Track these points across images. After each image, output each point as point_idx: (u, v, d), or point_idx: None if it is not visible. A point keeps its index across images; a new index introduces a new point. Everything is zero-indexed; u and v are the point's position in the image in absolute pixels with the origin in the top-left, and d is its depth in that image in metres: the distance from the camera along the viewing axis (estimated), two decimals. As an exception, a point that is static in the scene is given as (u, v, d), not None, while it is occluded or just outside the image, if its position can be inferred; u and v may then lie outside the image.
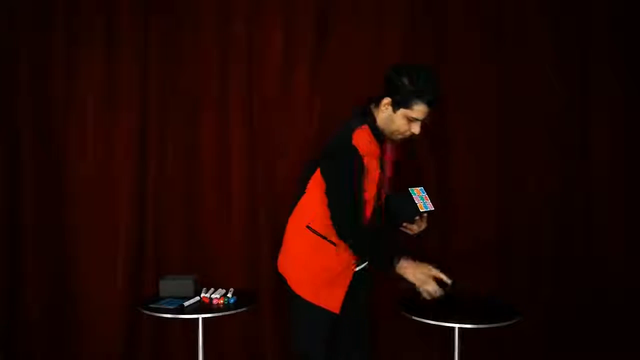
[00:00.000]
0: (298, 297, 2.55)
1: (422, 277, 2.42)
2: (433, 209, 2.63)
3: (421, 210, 2.61)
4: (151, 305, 2.92)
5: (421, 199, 2.62)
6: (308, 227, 2.54)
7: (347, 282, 2.55)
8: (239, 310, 2.92)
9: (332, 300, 2.53)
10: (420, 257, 3.35)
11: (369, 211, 2.51)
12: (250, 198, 3.40)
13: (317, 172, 2.51)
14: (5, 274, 3.39)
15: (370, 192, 2.49)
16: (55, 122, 3.41)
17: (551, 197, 3.42)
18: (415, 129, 2.45)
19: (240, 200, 3.41)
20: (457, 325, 2.73)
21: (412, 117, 2.42)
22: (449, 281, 2.43)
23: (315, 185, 2.53)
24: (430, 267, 2.44)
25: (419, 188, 2.65)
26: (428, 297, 2.42)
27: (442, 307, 2.85)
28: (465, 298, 3.04)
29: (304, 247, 2.56)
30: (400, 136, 2.49)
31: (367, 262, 2.62)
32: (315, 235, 2.54)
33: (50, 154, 3.41)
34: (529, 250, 3.42)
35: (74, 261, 3.42)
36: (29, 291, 3.40)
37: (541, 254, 3.42)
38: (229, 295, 3.00)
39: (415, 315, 2.80)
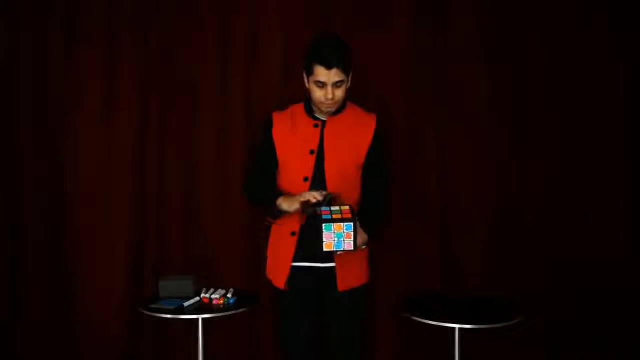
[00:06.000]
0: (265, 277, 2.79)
1: (293, 199, 2.53)
2: (351, 249, 2.38)
3: (325, 249, 2.39)
4: (151, 305, 2.92)
5: (338, 236, 2.38)
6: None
7: (289, 258, 2.64)
8: (239, 311, 2.92)
9: (279, 276, 2.68)
10: (420, 258, 3.40)
11: (292, 187, 2.62)
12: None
13: None
14: (5, 274, 3.39)
15: (292, 163, 2.64)
16: (55, 122, 3.41)
17: (551, 197, 3.42)
18: (328, 94, 2.52)
19: (240, 200, 3.40)
20: (457, 326, 2.73)
21: (318, 82, 2.52)
22: (320, 197, 2.47)
23: None
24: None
25: (344, 224, 2.38)
26: (306, 209, 2.49)
27: (442, 307, 2.86)
28: (465, 298, 3.05)
29: (270, 234, 2.79)
30: (323, 105, 2.58)
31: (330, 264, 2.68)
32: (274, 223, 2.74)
33: (50, 154, 3.41)
34: (529, 250, 3.42)
35: (74, 261, 3.42)
36: (29, 291, 3.41)
37: (541, 254, 3.41)
38: (229, 295, 2.99)
39: (415, 316, 2.80)
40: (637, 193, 3.40)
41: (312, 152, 2.62)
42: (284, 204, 2.56)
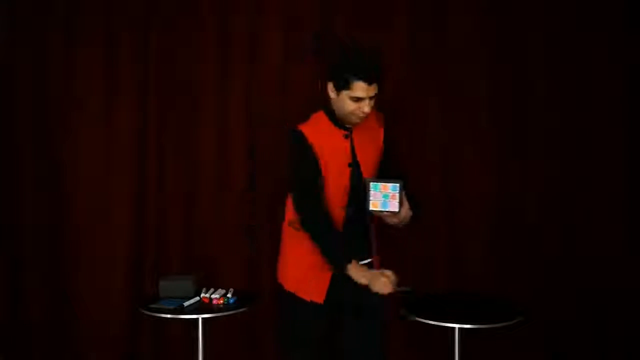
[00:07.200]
0: (284, 289, 2.60)
1: (367, 274, 2.41)
2: (396, 210, 2.40)
3: (372, 209, 2.42)
4: (151, 306, 2.92)
5: (384, 197, 2.41)
6: (289, 223, 2.61)
7: (329, 271, 2.54)
8: (238, 311, 2.92)
9: (315, 290, 2.55)
10: (420, 258, 3.40)
11: (335, 196, 2.52)
12: (250, 198, 3.40)
13: None
14: (5, 274, 3.39)
15: (331, 176, 2.51)
16: (55, 122, 3.41)
17: (551, 197, 3.42)
18: (365, 107, 2.43)
19: (240, 200, 3.41)
20: (457, 325, 2.73)
21: (355, 97, 2.42)
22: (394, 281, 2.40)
23: None
24: (380, 272, 2.42)
25: (389, 184, 2.41)
26: (380, 291, 2.40)
27: (442, 307, 2.86)
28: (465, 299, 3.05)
29: (286, 240, 2.64)
30: (354, 117, 2.48)
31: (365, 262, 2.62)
32: (295, 230, 2.58)
33: (50, 154, 3.41)
34: (529, 250, 3.42)
35: (74, 261, 3.42)
36: (29, 291, 3.41)
37: (541, 254, 3.41)
38: (229, 295, 2.99)
39: (415, 315, 2.80)
40: (637, 193, 3.40)
41: (350, 164, 2.55)
42: (352, 273, 2.41)
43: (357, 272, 2.42)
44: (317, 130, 2.51)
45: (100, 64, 3.40)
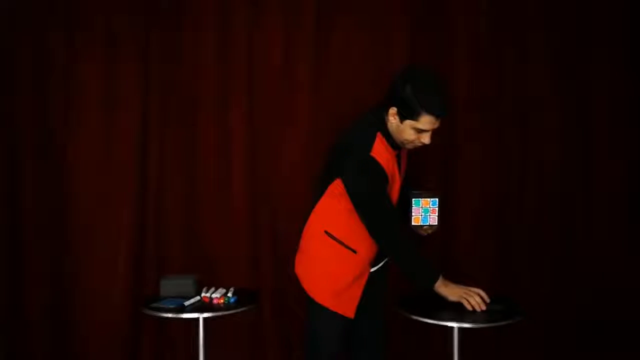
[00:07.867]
0: (314, 302, 2.57)
1: (460, 291, 2.44)
2: (436, 223, 2.57)
3: (414, 224, 2.55)
4: (152, 305, 2.92)
5: (425, 211, 2.55)
6: (326, 232, 2.57)
7: (362, 286, 2.57)
8: (239, 310, 2.92)
9: (347, 305, 2.56)
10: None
11: None
12: (250, 198, 3.41)
13: (337, 181, 2.50)
14: (5, 274, 3.39)
15: (393, 198, 2.54)
16: (55, 122, 3.41)
17: (551, 197, 3.42)
18: (425, 139, 2.43)
19: (240, 200, 3.41)
20: (456, 325, 2.72)
21: (420, 129, 2.40)
22: (487, 299, 2.45)
23: (335, 193, 2.53)
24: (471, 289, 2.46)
25: (430, 199, 2.55)
26: (471, 308, 2.45)
27: (442, 306, 2.86)
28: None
29: (322, 252, 2.59)
30: (410, 145, 2.48)
31: (381, 265, 2.65)
32: (333, 241, 2.56)
33: (50, 154, 3.41)
34: (529, 250, 3.42)
35: (74, 261, 3.42)
36: (29, 291, 3.40)
37: (541, 254, 3.42)
38: (230, 294, 2.99)
39: (415, 315, 2.80)
40: (637, 193, 3.40)
41: (402, 182, 2.61)
42: (442, 290, 2.47)
43: (447, 289, 2.44)
44: (382, 155, 2.47)
45: (101, 64, 3.39)
